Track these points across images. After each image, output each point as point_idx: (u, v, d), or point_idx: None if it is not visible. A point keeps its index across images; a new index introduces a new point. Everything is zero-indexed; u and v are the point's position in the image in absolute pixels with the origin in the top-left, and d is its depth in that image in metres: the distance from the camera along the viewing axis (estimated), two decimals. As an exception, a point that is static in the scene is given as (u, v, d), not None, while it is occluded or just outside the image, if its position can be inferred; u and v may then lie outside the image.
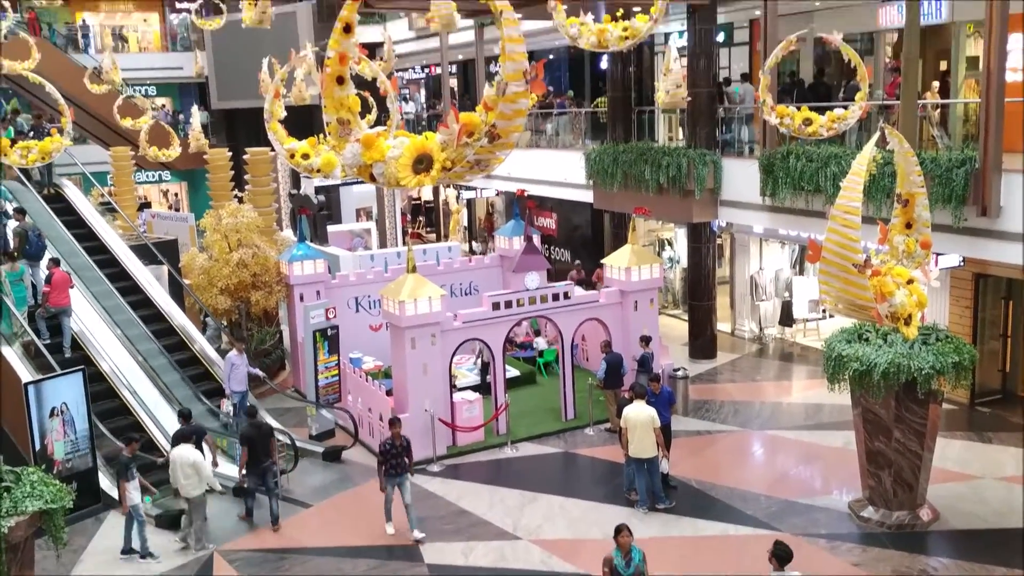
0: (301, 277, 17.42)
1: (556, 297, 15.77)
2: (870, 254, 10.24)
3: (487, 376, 16.44)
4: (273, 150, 15.22)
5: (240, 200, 21.30)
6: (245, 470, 12.49)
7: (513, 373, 17.35)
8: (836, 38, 11.54)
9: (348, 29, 6.27)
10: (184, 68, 34.68)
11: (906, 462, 11.46)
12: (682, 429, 15.09)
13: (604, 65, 22.99)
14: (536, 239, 19.51)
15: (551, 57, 30.59)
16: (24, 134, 18.92)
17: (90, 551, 12.12)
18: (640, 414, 12.10)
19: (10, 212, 16.10)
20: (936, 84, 16.88)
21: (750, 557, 10.92)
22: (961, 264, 14.89)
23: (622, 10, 10.69)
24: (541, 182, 22.93)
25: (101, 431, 13.37)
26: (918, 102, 13.89)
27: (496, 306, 15.27)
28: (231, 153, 22.93)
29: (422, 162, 6.23)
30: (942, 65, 18.57)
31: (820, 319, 20.42)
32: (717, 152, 18.05)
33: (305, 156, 9.78)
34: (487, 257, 20.69)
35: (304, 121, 23.61)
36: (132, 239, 19.03)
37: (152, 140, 22.25)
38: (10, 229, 15.58)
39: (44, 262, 15.53)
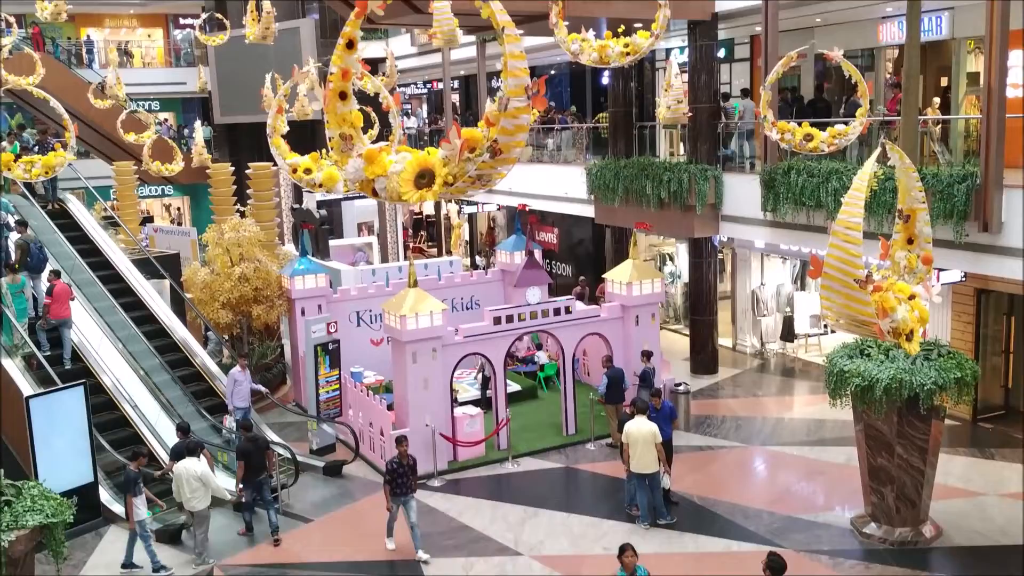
0: (303, 291, 17.43)
1: (557, 312, 15.77)
2: (872, 269, 10.24)
3: (488, 391, 16.43)
4: (276, 165, 15.29)
5: (242, 214, 21.35)
6: (242, 483, 12.47)
7: (514, 388, 17.32)
8: (837, 54, 11.58)
9: (351, 45, 6.30)
10: (187, 83, 34.84)
11: (909, 478, 11.43)
12: (684, 444, 15.05)
13: (605, 81, 23.08)
14: (537, 254, 19.52)
15: (553, 73, 30.72)
16: (29, 149, 19.00)
17: (90, 566, 12.08)
18: (641, 429, 12.07)
19: (12, 224, 16.14)
20: (937, 100, 16.94)
21: (752, 573, 10.86)
22: (963, 280, 14.89)
23: (623, 26, 10.75)
24: (543, 197, 22.98)
25: (102, 445, 13.35)
26: (919, 118, 13.92)
27: (497, 321, 15.27)
28: (233, 168, 23.01)
29: (424, 177, 6.25)
30: (943, 81, 18.63)
31: (822, 334, 20.40)
32: (718, 167, 18.08)
33: (307, 171, 9.84)
34: (488, 271, 20.69)
35: (306, 136, 23.74)
36: (134, 253, 19.06)
37: (155, 155, 22.34)
38: (11, 241, 15.61)
39: (45, 274, 15.54)
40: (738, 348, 20.95)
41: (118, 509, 13.11)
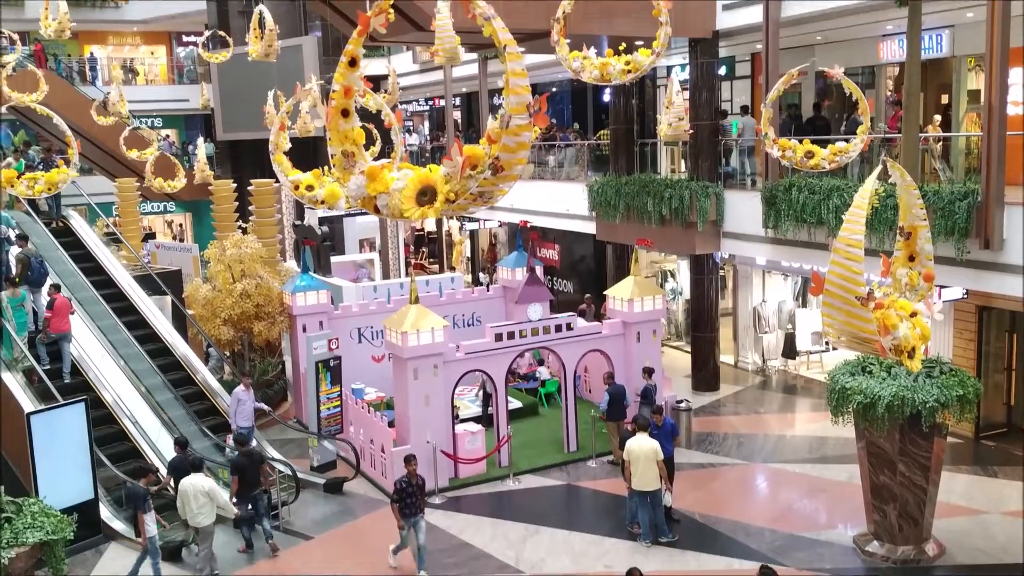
0: (304, 308, 17.44)
1: (559, 328, 15.76)
2: (873, 287, 10.23)
3: (489, 407, 16.40)
4: (277, 181, 15.32)
5: (244, 231, 21.38)
6: (236, 498, 12.43)
7: (515, 404, 17.29)
8: (838, 72, 11.62)
9: (353, 63, 6.31)
10: (190, 100, 34.98)
11: (911, 496, 11.39)
12: (685, 462, 15.01)
13: (607, 98, 23.15)
14: (539, 270, 19.53)
15: (554, 90, 30.82)
16: (35, 166, 19.03)
17: (89, 583, 12.05)
18: (643, 446, 12.04)
19: (12, 239, 16.17)
20: (938, 117, 16.98)
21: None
22: (964, 297, 14.88)
23: (624, 44, 10.80)
24: (544, 213, 23.01)
25: (103, 461, 13.33)
26: (920, 135, 13.96)
27: (499, 337, 15.26)
28: (236, 184, 23.05)
29: (426, 194, 6.25)
30: (944, 99, 18.68)
31: (823, 351, 20.38)
32: (719, 184, 18.12)
33: (309, 188, 9.83)
34: (490, 288, 20.70)
35: (308, 153, 23.78)
36: (136, 270, 19.08)
37: (157, 171, 22.39)
38: (12, 255, 15.64)
39: (45, 288, 15.56)
40: (740, 365, 20.92)
41: (118, 526, 13.08)
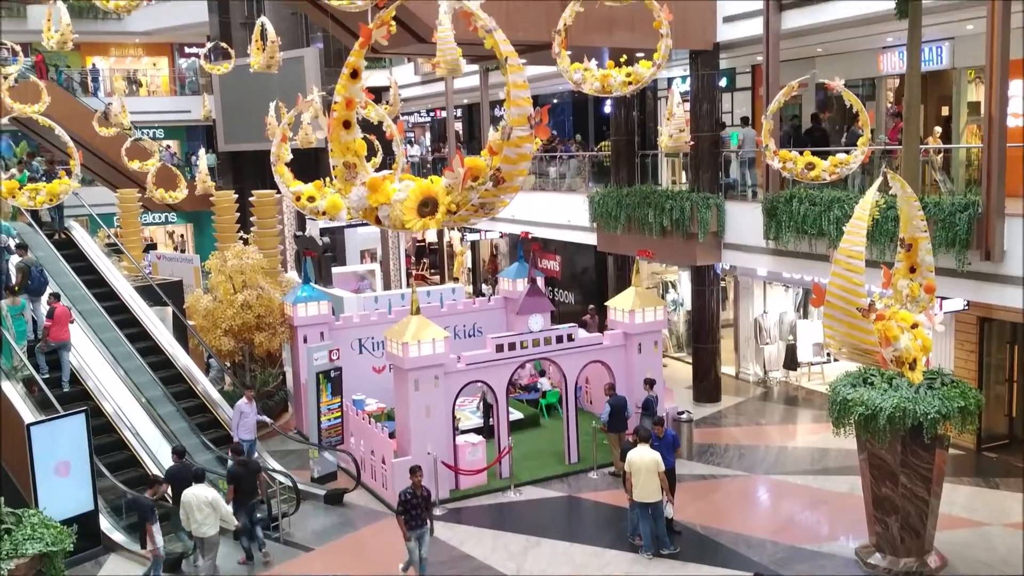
0: (305, 319, 17.43)
1: (560, 339, 15.75)
2: (874, 298, 10.23)
3: (489, 419, 16.37)
4: (279, 192, 15.34)
5: (245, 242, 21.40)
6: (234, 508, 12.40)
7: (516, 415, 17.27)
8: (838, 84, 11.64)
9: (355, 74, 6.33)
10: (192, 111, 35.10)
11: (913, 508, 11.36)
12: (687, 473, 14.98)
13: (608, 109, 23.20)
14: (540, 281, 19.53)
15: (555, 101, 30.88)
16: (39, 178, 19.07)
17: (89, 595, 12.03)
18: (644, 458, 12.02)
19: (12, 248, 16.20)
20: (938, 129, 16.99)
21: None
22: (966, 308, 14.87)
23: (625, 56, 10.82)
24: (545, 224, 23.03)
25: (104, 472, 13.31)
26: (920, 147, 13.98)
27: (500, 348, 15.25)
28: (237, 195, 23.09)
29: (427, 205, 6.26)
30: (944, 110, 18.71)
31: (824, 363, 20.36)
32: (720, 195, 18.14)
33: (311, 199, 9.86)
34: (491, 299, 20.70)
35: (310, 164, 23.82)
36: (137, 280, 19.09)
37: (159, 182, 22.42)
38: (12, 264, 15.66)
39: (45, 297, 15.56)
40: (741, 376, 20.90)
41: (118, 537, 13.05)
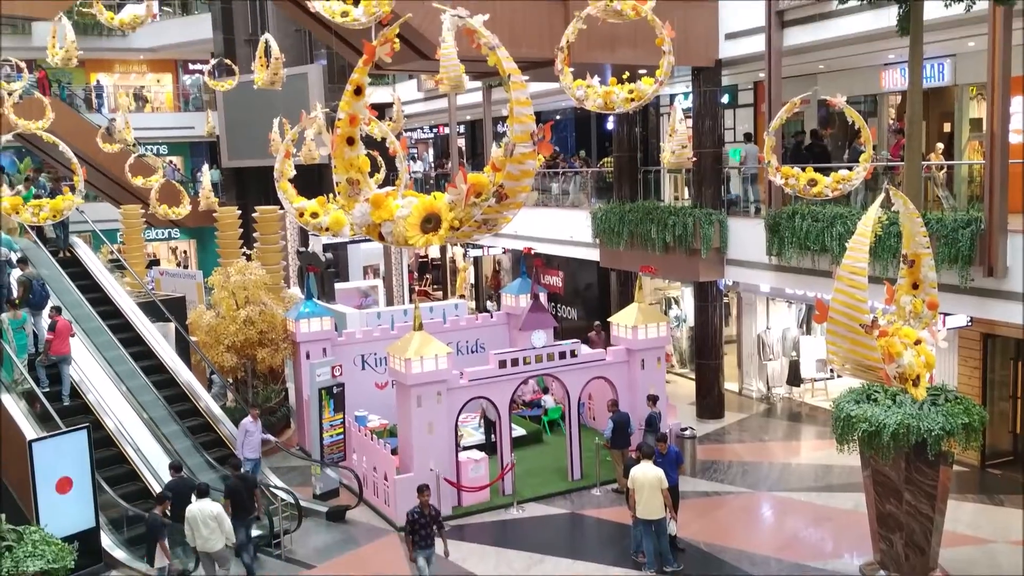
0: (308, 334, 17.42)
1: (563, 355, 15.73)
2: (877, 314, 10.22)
3: (491, 435, 16.34)
4: (282, 208, 15.36)
5: (248, 257, 21.42)
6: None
7: (519, 432, 17.23)
8: (840, 100, 11.67)
9: (359, 91, 6.36)
10: (196, 127, 35.23)
11: (917, 525, 11.30)
12: (690, 490, 14.93)
13: (610, 126, 23.26)
14: (543, 297, 19.53)
15: (558, 118, 30.98)
16: (44, 195, 19.08)
17: (90, 612, 11.97)
18: (647, 474, 11.98)
19: (14, 261, 16.23)
20: (941, 146, 17.02)
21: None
22: (969, 324, 14.84)
23: (628, 73, 10.87)
24: (548, 240, 23.05)
25: (105, 489, 13.28)
26: (923, 163, 14.00)
27: (502, 364, 15.23)
28: (240, 211, 23.15)
29: (430, 221, 6.27)
30: (946, 127, 18.74)
31: (828, 379, 20.32)
32: (723, 211, 18.15)
33: (314, 215, 9.89)
34: (494, 315, 20.70)
35: (313, 180, 23.90)
36: (140, 296, 19.10)
37: (162, 198, 22.47)
38: (14, 278, 15.69)
39: (46, 311, 15.57)
40: (744, 392, 20.86)
41: (119, 554, 13.00)
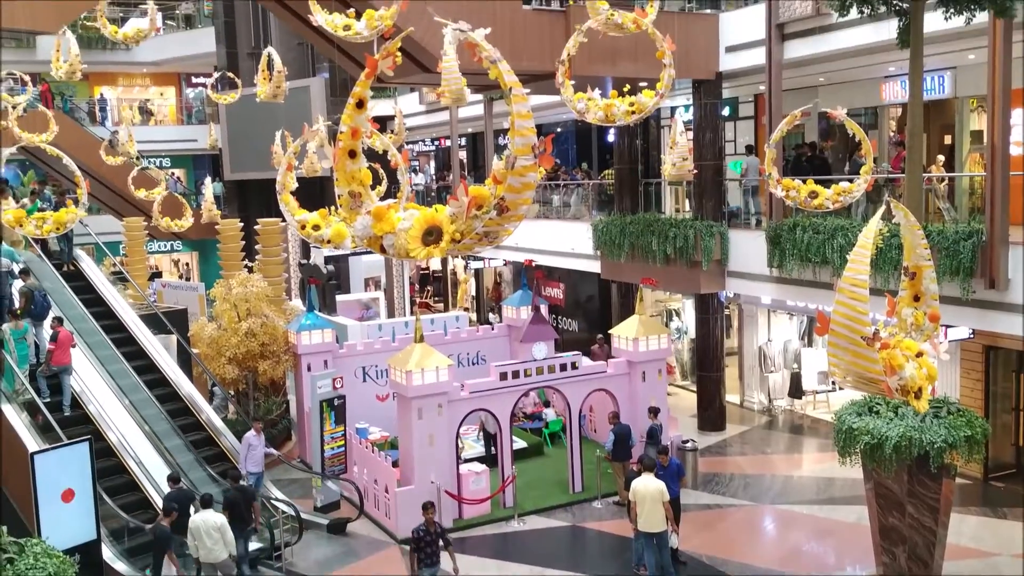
0: (309, 346, 17.43)
1: (563, 367, 15.72)
2: (879, 326, 10.22)
3: (491, 447, 16.31)
4: (284, 221, 15.40)
5: (250, 270, 21.45)
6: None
7: (520, 444, 17.20)
8: (840, 113, 11.70)
9: (361, 104, 6.39)
10: (198, 140, 35.33)
11: (920, 538, 11.26)
12: (692, 503, 14.90)
13: (611, 138, 23.31)
14: (544, 309, 19.53)
15: (559, 130, 31.05)
16: (50, 207, 19.10)
17: (90, 625, 11.92)
18: (649, 487, 11.95)
19: (15, 272, 16.26)
20: (941, 158, 17.04)
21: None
22: (971, 337, 14.83)
23: (628, 86, 10.91)
24: (549, 252, 23.07)
25: (107, 503, 13.25)
26: (923, 175, 14.02)
27: (503, 376, 15.22)
28: (242, 223, 23.20)
29: (432, 234, 6.30)
30: (946, 139, 18.77)
31: (830, 391, 20.29)
32: (724, 223, 18.17)
33: (316, 227, 9.90)
34: (495, 327, 20.70)
35: (315, 193, 23.93)
36: (142, 308, 19.12)
37: (165, 211, 22.53)
38: (16, 289, 15.71)
39: (47, 322, 15.58)
40: (746, 404, 20.83)
41: (120, 567, 12.96)
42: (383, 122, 26.99)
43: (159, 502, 13.66)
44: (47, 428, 13.75)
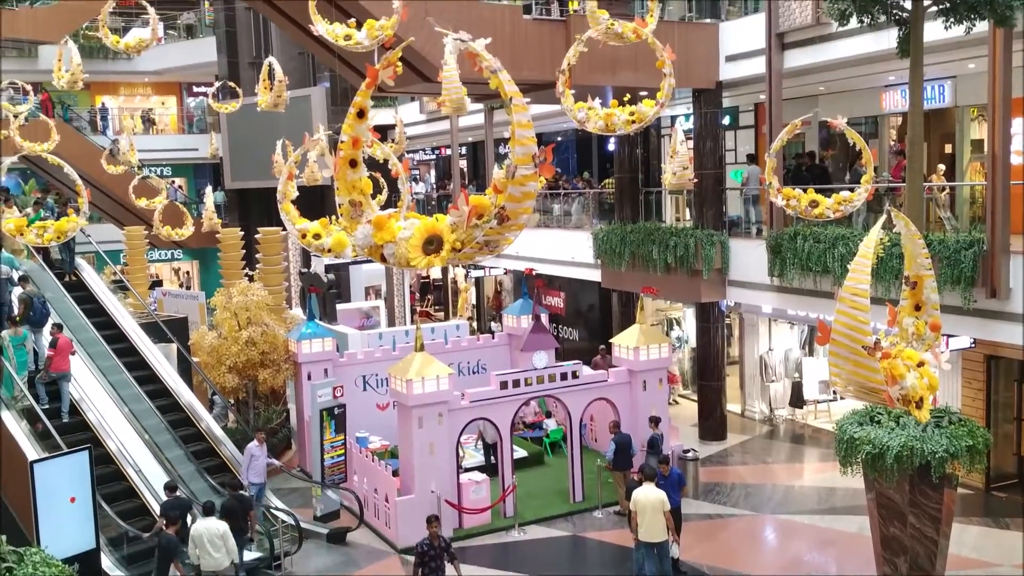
0: (309, 355, 17.42)
1: (564, 376, 15.70)
2: (880, 336, 10.20)
3: (490, 457, 16.28)
4: (285, 229, 15.40)
5: (251, 278, 21.45)
6: None
7: (520, 453, 17.17)
8: (841, 122, 11.71)
9: (362, 114, 6.39)
10: (199, 149, 35.36)
11: (922, 548, 11.22)
12: (693, 512, 14.86)
13: (611, 147, 23.33)
14: (544, 318, 19.52)
15: (559, 139, 31.09)
16: (52, 216, 19.11)
17: (89, 635, 11.88)
18: (650, 497, 11.92)
19: (15, 279, 16.27)
20: (942, 167, 17.04)
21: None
22: (972, 346, 14.80)
23: (629, 95, 10.92)
24: (549, 261, 23.07)
25: (106, 511, 13.22)
26: (924, 184, 14.02)
27: (504, 385, 15.21)
28: (243, 232, 23.21)
29: (432, 243, 6.29)
30: (947, 148, 18.78)
31: (831, 400, 20.25)
32: (724, 232, 18.17)
33: (316, 236, 9.91)
34: (495, 335, 20.69)
35: (316, 202, 23.92)
36: (143, 317, 19.11)
37: (166, 219, 22.54)
38: (15, 296, 15.71)
39: (47, 328, 15.57)
40: (747, 414, 20.79)
41: (118, 575, 12.94)
42: (384, 131, 27.06)
43: (157, 509, 13.65)
44: (45, 435, 13.73)
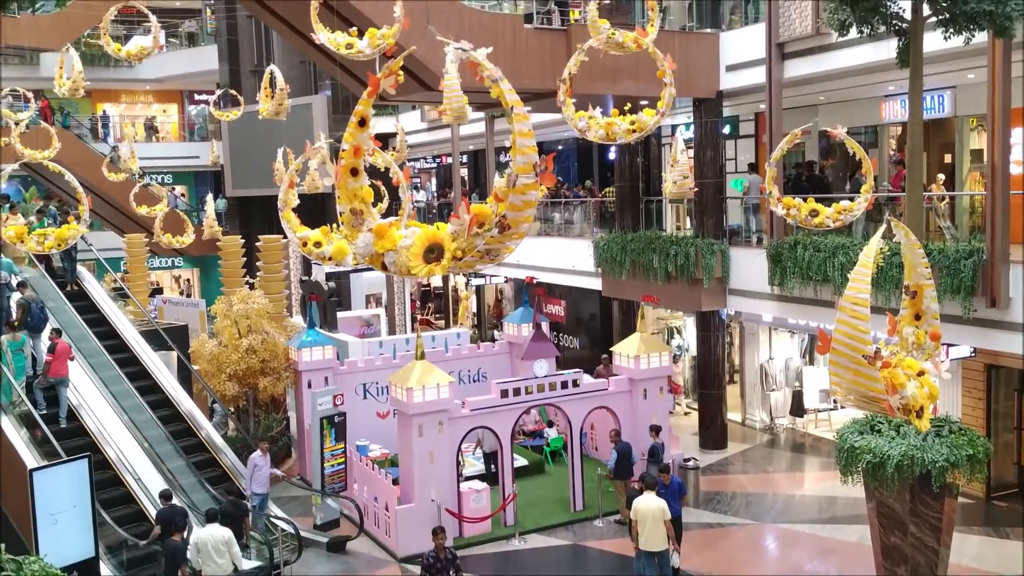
0: (310, 363, 17.42)
1: (565, 385, 15.70)
2: (880, 345, 10.19)
3: (491, 465, 16.26)
4: (286, 237, 15.42)
5: (251, 286, 21.45)
6: None
7: (521, 462, 17.15)
8: (840, 132, 11.72)
9: (363, 123, 6.41)
10: (201, 157, 35.43)
11: (923, 558, 11.20)
12: (693, 521, 14.83)
13: (612, 156, 23.37)
14: (545, 326, 19.52)
15: (560, 148, 31.12)
16: (55, 223, 19.12)
17: (88, 643, 11.85)
18: (650, 505, 11.90)
19: (13, 285, 16.27)
20: (942, 176, 17.07)
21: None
22: (972, 355, 14.81)
23: (629, 104, 10.94)
24: (550, 270, 23.08)
25: (105, 520, 13.20)
26: (924, 194, 14.03)
27: (504, 394, 15.20)
28: (244, 240, 23.24)
29: (433, 251, 6.30)
30: (947, 158, 18.81)
31: (831, 409, 20.24)
32: (725, 241, 18.19)
33: (317, 244, 9.91)
34: (496, 344, 20.68)
35: (317, 210, 23.98)
36: (143, 325, 19.11)
37: (167, 227, 22.57)
38: (13, 301, 15.72)
39: (45, 334, 15.56)
40: (747, 423, 20.77)
41: (118, 583, 12.91)
42: (385, 139, 27.07)
43: (153, 515, 13.63)
44: (43, 441, 13.72)
